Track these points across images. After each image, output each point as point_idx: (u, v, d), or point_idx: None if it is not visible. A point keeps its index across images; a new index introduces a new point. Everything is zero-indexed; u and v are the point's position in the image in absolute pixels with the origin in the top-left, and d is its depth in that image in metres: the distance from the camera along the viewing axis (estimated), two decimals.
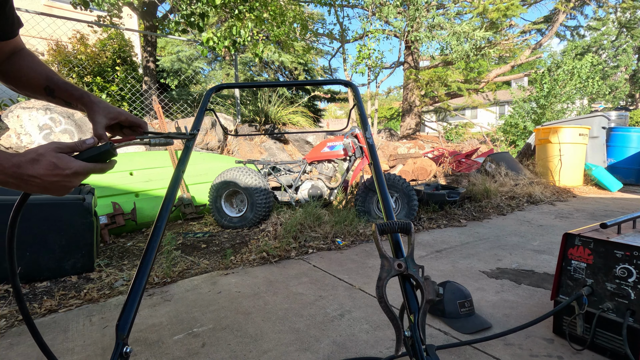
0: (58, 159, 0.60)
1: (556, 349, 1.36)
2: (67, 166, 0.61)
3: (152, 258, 0.79)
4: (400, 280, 0.80)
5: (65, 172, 0.60)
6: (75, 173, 0.62)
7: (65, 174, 0.61)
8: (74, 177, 0.62)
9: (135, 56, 8.74)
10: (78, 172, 0.62)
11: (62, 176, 0.60)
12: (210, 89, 1.31)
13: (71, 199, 2.20)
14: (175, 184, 0.93)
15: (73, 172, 0.61)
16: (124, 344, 0.69)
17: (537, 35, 13.50)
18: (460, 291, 1.62)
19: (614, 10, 14.24)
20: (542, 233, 3.02)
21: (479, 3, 9.82)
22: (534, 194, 4.53)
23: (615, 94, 12.70)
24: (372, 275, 2.14)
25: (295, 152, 6.26)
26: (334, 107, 29.31)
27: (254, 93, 7.23)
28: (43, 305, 1.81)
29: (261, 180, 3.37)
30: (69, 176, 0.61)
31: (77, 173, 0.62)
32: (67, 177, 0.61)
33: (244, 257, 2.48)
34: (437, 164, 5.80)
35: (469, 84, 11.68)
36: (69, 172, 0.61)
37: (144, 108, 6.32)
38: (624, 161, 6.13)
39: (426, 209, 3.82)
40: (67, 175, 0.61)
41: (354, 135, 3.57)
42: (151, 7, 6.52)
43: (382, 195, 0.97)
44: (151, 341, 1.48)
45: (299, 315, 1.66)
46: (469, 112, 23.88)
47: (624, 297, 1.22)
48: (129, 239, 3.07)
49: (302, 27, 9.10)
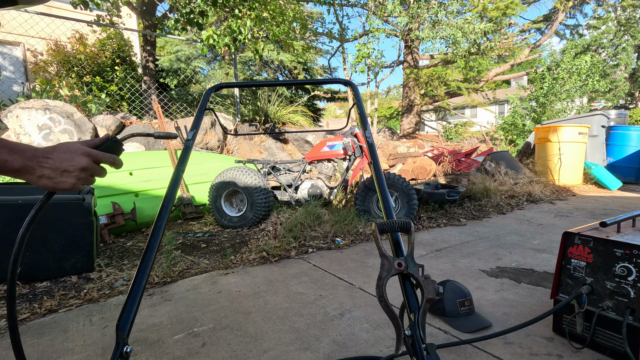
0: (72, 144, 0.66)
1: (556, 347, 1.36)
2: (79, 149, 0.65)
3: (152, 258, 0.79)
4: (400, 279, 0.80)
5: (77, 153, 0.64)
6: (86, 154, 0.65)
7: (78, 155, 0.64)
8: (85, 158, 0.65)
9: (135, 56, 8.74)
10: (89, 154, 0.66)
11: (74, 158, 0.64)
12: (209, 88, 1.31)
13: (71, 199, 2.20)
14: (175, 184, 0.93)
15: (84, 153, 0.65)
16: (124, 344, 0.69)
17: (536, 34, 13.51)
18: (460, 290, 1.62)
19: (614, 9, 14.24)
20: (541, 232, 3.03)
21: (479, 2, 9.82)
22: (533, 193, 4.53)
23: (615, 92, 12.70)
24: (372, 274, 2.15)
25: (295, 152, 6.26)
26: (334, 107, 29.29)
27: (254, 92, 7.22)
28: (43, 305, 1.81)
29: (261, 179, 3.37)
30: (80, 157, 0.64)
31: (88, 154, 0.65)
32: (79, 159, 0.64)
33: (243, 257, 2.48)
34: (437, 163, 5.80)
35: (469, 83, 11.68)
36: (81, 153, 0.65)
37: (143, 108, 6.31)
38: (624, 160, 6.13)
39: (426, 208, 3.83)
40: (78, 156, 0.64)
41: (354, 134, 3.57)
42: (150, 6, 6.51)
43: (382, 194, 0.97)
44: (151, 341, 1.48)
45: (299, 315, 1.66)
46: (468, 111, 23.87)
47: (624, 296, 1.22)
48: (129, 239, 3.07)
49: (302, 26, 9.10)
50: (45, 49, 7.83)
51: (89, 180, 0.68)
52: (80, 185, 0.67)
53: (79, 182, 0.66)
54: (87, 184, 0.69)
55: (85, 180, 0.67)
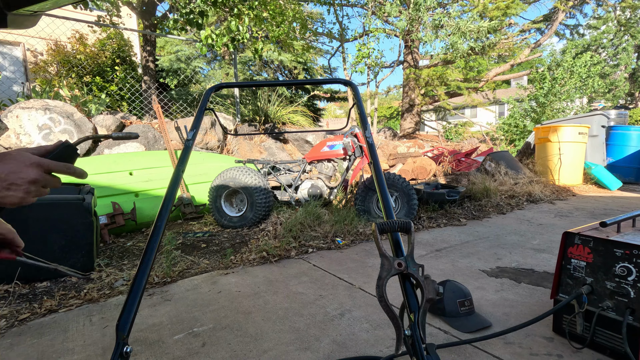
0: (20, 153, 0.60)
1: (556, 347, 1.36)
2: (27, 159, 0.60)
3: (152, 258, 0.79)
4: (400, 279, 0.80)
5: (26, 164, 0.59)
6: (35, 164, 0.60)
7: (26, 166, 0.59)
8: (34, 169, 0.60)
9: (135, 56, 8.74)
10: (39, 164, 0.60)
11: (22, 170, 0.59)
12: (209, 88, 1.31)
13: (71, 199, 2.20)
14: (175, 184, 0.93)
15: (33, 163, 0.60)
16: (124, 344, 0.69)
17: (536, 34, 13.51)
18: (460, 290, 1.62)
19: (614, 9, 14.24)
20: (541, 232, 3.03)
21: (479, 2, 9.81)
22: (533, 193, 4.53)
23: (615, 92, 12.69)
24: (372, 274, 2.15)
25: (295, 152, 6.26)
26: (334, 107, 29.30)
27: (254, 92, 7.22)
28: (43, 305, 1.81)
29: (261, 179, 3.37)
30: (29, 169, 0.59)
31: (38, 165, 0.60)
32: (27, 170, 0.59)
33: (243, 257, 2.48)
34: (437, 163, 5.80)
35: (469, 82, 11.68)
36: (29, 163, 0.60)
37: (143, 108, 6.31)
38: (624, 160, 6.13)
39: (426, 208, 3.83)
40: (27, 167, 0.59)
41: (354, 134, 3.57)
42: (150, 6, 6.51)
43: (382, 194, 0.97)
44: (151, 341, 1.48)
45: (299, 315, 1.66)
46: (468, 111, 23.87)
47: (624, 296, 1.22)
48: (129, 239, 3.07)
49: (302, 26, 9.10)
50: (45, 49, 7.83)
51: (40, 192, 0.62)
52: (31, 199, 0.61)
53: (29, 195, 0.60)
54: (40, 196, 0.63)
55: (36, 193, 0.61)
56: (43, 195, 0.63)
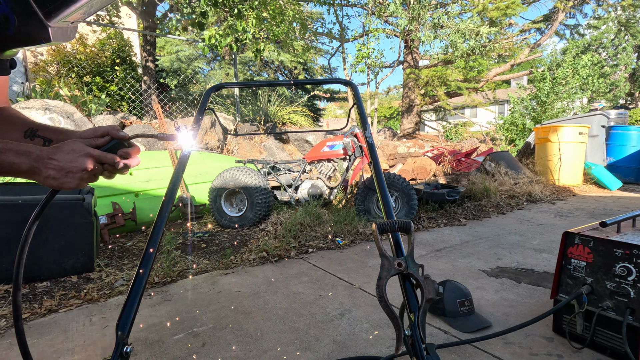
0: (76, 144, 0.69)
1: (556, 347, 1.36)
2: (82, 150, 0.68)
3: (152, 258, 0.79)
4: (400, 279, 0.80)
5: (80, 154, 0.67)
6: (88, 155, 0.68)
7: (81, 156, 0.67)
8: (87, 159, 0.67)
9: (135, 56, 8.74)
10: (91, 155, 0.68)
11: (77, 160, 0.67)
12: (209, 88, 1.31)
13: (71, 199, 2.20)
14: (175, 184, 0.93)
15: (86, 154, 0.68)
16: (124, 344, 0.69)
17: (536, 34, 13.51)
18: (460, 290, 1.62)
19: (614, 9, 14.24)
20: (541, 232, 3.03)
21: (479, 2, 9.81)
22: (533, 193, 4.53)
23: (615, 92, 12.69)
24: (372, 274, 2.15)
25: (295, 152, 6.26)
26: (334, 107, 29.30)
27: (254, 92, 7.23)
28: (43, 305, 1.81)
29: (261, 179, 3.37)
30: (83, 158, 0.67)
31: (91, 155, 0.68)
32: (81, 160, 0.67)
33: (243, 257, 2.48)
34: (437, 163, 5.80)
35: (469, 82, 11.68)
36: (83, 154, 0.67)
37: (143, 108, 6.31)
38: (624, 160, 6.13)
39: (426, 208, 3.83)
40: (81, 157, 0.67)
41: (354, 134, 3.57)
42: (150, 6, 6.51)
43: (382, 194, 0.97)
44: (151, 341, 1.48)
45: (299, 315, 1.66)
46: (468, 111, 23.85)
47: (624, 296, 1.22)
48: (129, 239, 3.07)
49: (302, 26, 9.10)
50: (45, 49, 7.82)
51: (92, 179, 0.71)
52: (84, 184, 0.70)
53: (82, 182, 0.69)
54: (91, 182, 0.72)
55: (88, 180, 0.70)
56: (93, 182, 0.72)
